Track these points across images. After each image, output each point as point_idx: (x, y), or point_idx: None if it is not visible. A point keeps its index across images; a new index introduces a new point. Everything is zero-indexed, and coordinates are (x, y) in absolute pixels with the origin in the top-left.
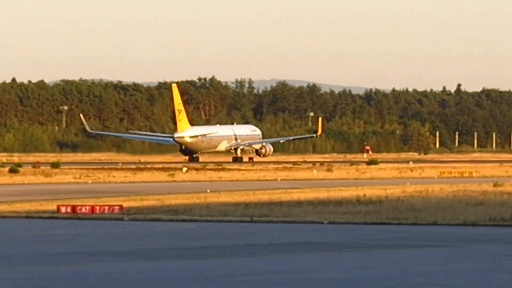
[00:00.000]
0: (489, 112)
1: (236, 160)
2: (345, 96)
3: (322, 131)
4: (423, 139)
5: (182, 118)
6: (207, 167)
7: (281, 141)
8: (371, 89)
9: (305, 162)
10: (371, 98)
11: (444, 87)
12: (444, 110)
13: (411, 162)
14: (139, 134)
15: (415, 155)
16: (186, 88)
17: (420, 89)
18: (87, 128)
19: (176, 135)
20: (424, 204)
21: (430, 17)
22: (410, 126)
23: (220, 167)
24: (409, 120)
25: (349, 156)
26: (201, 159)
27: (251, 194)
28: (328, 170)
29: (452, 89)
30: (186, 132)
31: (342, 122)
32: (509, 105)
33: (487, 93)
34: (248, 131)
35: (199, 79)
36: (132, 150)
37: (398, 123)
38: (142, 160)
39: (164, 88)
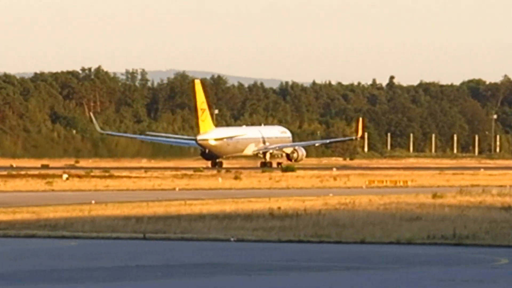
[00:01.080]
0: (427, 110)
1: (265, 165)
2: (256, 90)
3: (363, 132)
4: (349, 141)
5: (205, 118)
6: (92, 173)
7: (317, 145)
8: (287, 82)
9: (208, 168)
10: (287, 92)
11: (374, 80)
12: (374, 107)
13: (334, 169)
14: (156, 136)
15: (340, 160)
16: (67, 80)
17: (345, 82)
18: (97, 128)
19: (199, 137)
20: (350, 218)
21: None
22: (333, 126)
23: (107, 174)
24: (332, 119)
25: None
26: (225, 164)
27: (144, 206)
28: (236, 177)
29: (384, 82)
30: (211, 134)
31: (252, 121)
32: (451, 101)
33: (425, 87)
34: (278, 133)
35: (83, 69)
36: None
37: (319, 123)
38: (46, 165)
39: (41, 80)
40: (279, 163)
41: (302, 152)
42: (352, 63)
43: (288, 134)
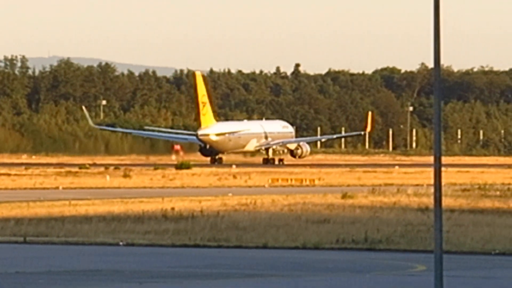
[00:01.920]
0: (336, 101)
1: (267, 161)
2: (148, 79)
3: (373, 127)
4: None
5: (206, 112)
6: None
7: (323, 140)
8: (181, 70)
9: (95, 165)
10: (182, 82)
11: (277, 68)
12: (278, 98)
13: (234, 166)
14: (153, 131)
15: (239, 157)
16: None
17: (246, 70)
18: (90, 122)
19: (200, 132)
20: (251, 221)
21: None
22: (232, 118)
23: None
24: (232, 111)
25: (153, 158)
26: (224, 160)
27: (24, 207)
28: (126, 176)
29: (289, 70)
30: (212, 129)
31: (144, 113)
32: (362, 91)
33: (333, 76)
34: (280, 127)
35: None
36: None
37: (217, 115)
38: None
39: None
40: (280, 160)
41: (306, 148)
42: (254, 49)
43: (290, 129)
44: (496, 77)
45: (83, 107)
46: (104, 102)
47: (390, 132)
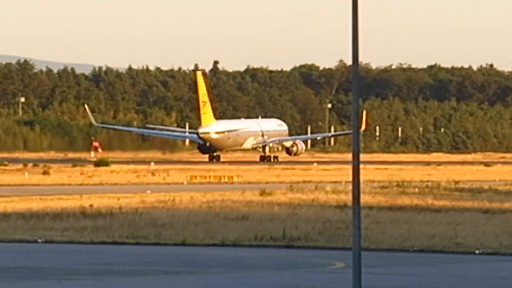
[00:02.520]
0: (255, 98)
1: (264, 159)
2: (67, 76)
3: (367, 125)
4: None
5: (207, 111)
6: None
7: (318, 138)
8: (100, 67)
9: (14, 161)
10: (101, 79)
11: (196, 65)
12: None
13: (152, 163)
14: (154, 129)
15: (158, 154)
16: None
17: (164, 67)
18: (93, 121)
19: (200, 130)
20: (169, 218)
21: None
22: (151, 115)
23: None
24: (150, 108)
25: (72, 155)
26: (222, 157)
27: None
28: (44, 173)
29: (207, 67)
30: (212, 127)
31: (62, 110)
32: (280, 89)
33: (252, 73)
34: (275, 126)
35: None
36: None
37: (135, 112)
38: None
39: None
40: (275, 157)
41: (301, 146)
42: (172, 46)
43: (285, 127)
44: (415, 74)
45: (86, 106)
46: (22, 99)
47: (309, 129)
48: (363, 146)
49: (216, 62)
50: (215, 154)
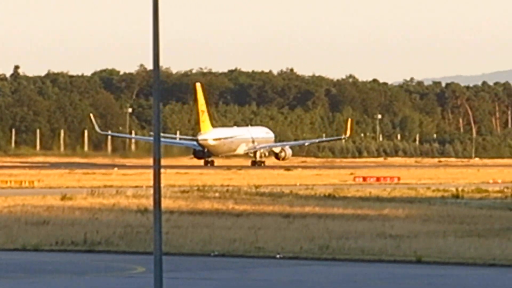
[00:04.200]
0: (56, 103)
1: (255, 164)
2: None
3: (351, 131)
4: None
5: (205, 119)
6: None
7: (306, 144)
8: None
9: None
10: None
11: None
12: None
13: None
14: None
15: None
16: None
17: None
18: (97, 128)
19: (200, 137)
20: None
21: None
22: None
23: None
24: None
25: None
26: (216, 163)
27: None
28: None
29: (8, 72)
30: (210, 134)
31: None
32: (81, 93)
33: (53, 78)
34: (264, 133)
35: None
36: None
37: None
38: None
39: None
40: (262, 162)
41: (289, 151)
42: None
43: (271, 134)
44: (215, 78)
45: (91, 114)
46: None
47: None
48: (163, 151)
49: (16, 67)
50: (209, 159)
